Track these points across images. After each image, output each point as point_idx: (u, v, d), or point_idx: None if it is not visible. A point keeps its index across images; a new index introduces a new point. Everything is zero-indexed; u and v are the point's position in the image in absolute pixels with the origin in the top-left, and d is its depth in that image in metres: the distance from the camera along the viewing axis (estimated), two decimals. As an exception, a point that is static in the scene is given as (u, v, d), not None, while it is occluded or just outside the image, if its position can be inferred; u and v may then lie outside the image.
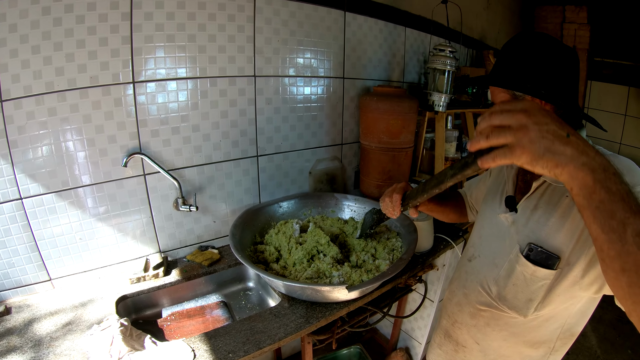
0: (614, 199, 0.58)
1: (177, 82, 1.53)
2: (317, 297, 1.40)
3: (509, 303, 1.02)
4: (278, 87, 1.86)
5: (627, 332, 3.34)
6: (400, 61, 2.54)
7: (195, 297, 1.67)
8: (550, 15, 4.10)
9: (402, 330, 2.50)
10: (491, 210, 1.16)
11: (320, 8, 1.91)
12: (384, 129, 2.03)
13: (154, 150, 1.55)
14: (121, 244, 1.58)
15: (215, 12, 1.53)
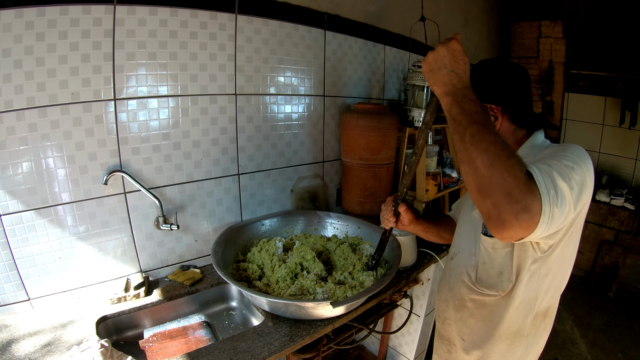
0: (463, 113, 0.87)
1: (159, 99, 1.57)
2: (301, 314, 1.43)
3: (485, 282, 1.17)
4: (259, 105, 1.93)
5: (616, 336, 3.46)
6: (380, 78, 2.66)
7: (178, 317, 1.67)
8: (527, 30, 4.38)
9: (390, 347, 2.53)
10: (466, 210, 1.34)
11: (301, 27, 2.01)
12: (364, 145, 2.11)
13: (135, 168, 1.57)
14: (101, 264, 1.59)
15: (197, 31, 1.60)
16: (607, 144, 4.48)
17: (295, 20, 1.98)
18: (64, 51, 1.30)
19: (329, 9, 2.14)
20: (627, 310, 3.89)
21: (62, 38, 1.29)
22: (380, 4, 2.50)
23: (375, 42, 2.54)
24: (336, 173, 2.50)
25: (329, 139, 2.36)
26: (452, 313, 1.32)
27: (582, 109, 4.58)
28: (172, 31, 1.53)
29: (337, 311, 1.40)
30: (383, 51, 2.63)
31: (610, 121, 4.39)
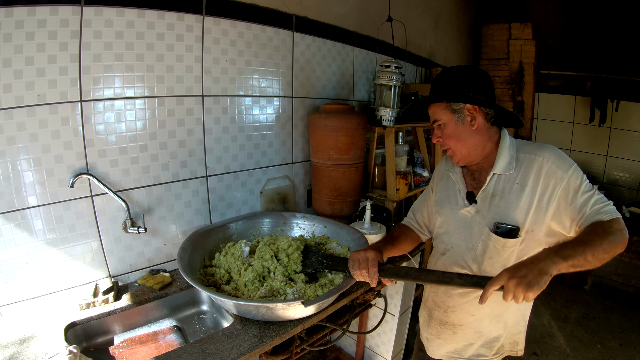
0: (577, 258, 1.06)
1: (125, 101, 1.65)
2: (272, 315, 1.49)
3: (489, 273, 1.28)
4: (226, 106, 2.03)
5: (594, 328, 3.67)
6: (350, 80, 2.80)
7: (148, 322, 1.74)
8: (497, 33, 4.67)
9: (367, 347, 2.64)
10: (450, 209, 1.47)
11: (269, 28, 2.12)
12: (333, 145, 2.22)
13: (102, 170, 1.64)
14: (70, 269, 1.63)
15: (164, 32, 1.69)
16: (578, 142, 4.88)
17: (263, 22, 2.08)
18: (31, 52, 1.36)
19: (297, 11, 2.26)
20: (603, 302, 4.14)
21: (29, 39, 1.35)
22: (349, 6, 2.64)
23: (344, 44, 2.68)
24: (306, 174, 2.61)
25: (297, 140, 2.47)
26: (457, 300, 1.46)
27: (553, 108, 4.97)
28: (139, 32, 1.61)
29: (308, 311, 1.47)
30: (352, 53, 2.77)
31: (581, 119, 4.78)
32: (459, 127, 1.35)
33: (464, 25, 4.72)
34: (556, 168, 1.24)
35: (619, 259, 4.20)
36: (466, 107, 1.32)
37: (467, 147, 1.37)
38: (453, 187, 1.49)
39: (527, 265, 1.05)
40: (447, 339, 1.54)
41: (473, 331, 1.47)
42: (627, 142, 4.64)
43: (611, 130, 4.67)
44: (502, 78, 4.73)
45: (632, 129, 4.57)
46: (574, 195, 1.22)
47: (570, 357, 3.28)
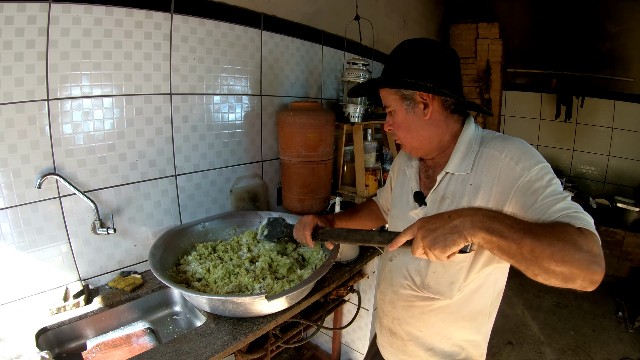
0: (504, 235, 0.86)
1: (92, 100, 1.70)
2: (239, 310, 1.56)
3: (433, 289, 1.22)
4: (195, 104, 2.10)
5: (566, 315, 3.92)
6: (318, 78, 2.91)
7: (121, 325, 1.78)
8: (465, 32, 4.93)
9: (343, 344, 2.75)
10: (401, 210, 1.37)
11: (237, 27, 2.21)
12: (301, 142, 2.32)
13: (69, 171, 1.69)
14: (39, 273, 1.66)
15: (132, 30, 1.75)
16: (545, 137, 5.25)
17: (231, 20, 2.17)
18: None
19: (266, 10, 2.36)
20: (574, 291, 4.30)
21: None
22: (317, 5, 2.76)
23: (312, 43, 2.79)
24: (276, 172, 2.71)
25: (267, 138, 2.57)
26: (402, 313, 1.35)
27: (520, 105, 5.32)
28: (107, 30, 1.67)
29: (275, 305, 1.56)
30: (321, 51, 2.89)
31: (547, 115, 5.15)
32: (409, 117, 1.21)
33: (432, 25, 4.93)
34: (515, 165, 1.05)
35: None
36: (418, 93, 1.17)
37: (418, 139, 1.24)
38: (407, 184, 1.37)
39: (443, 218, 0.93)
40: (399, 349, 1.44)
41: (424, 348, 1.34)
42: (592, 137, 5.02)
43: (577, 126, 5.03)
44: (470, 76, 4.98)
45: (597, 124, 4.93)
46: (535, 199, 0.99)
47: (544, 345, 3.47)
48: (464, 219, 0.90)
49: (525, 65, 5.17)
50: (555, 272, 0.83)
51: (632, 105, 4.72)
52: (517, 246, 0.84)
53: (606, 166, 5.03)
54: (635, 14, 4.50)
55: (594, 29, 4.72)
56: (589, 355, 3.35)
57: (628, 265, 4.46)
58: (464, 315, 1.25)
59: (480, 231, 0.88)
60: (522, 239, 0.84)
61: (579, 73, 4.81)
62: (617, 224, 4.49)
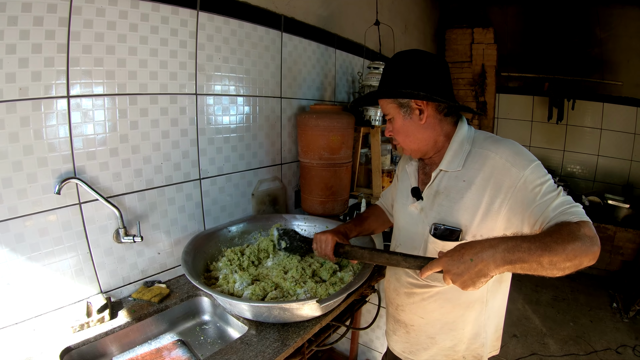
0: (526, 260, 0.88)
1: (116, 98, 1.44)
2: (285, 316, 1.37)
3: (431, 276, 1.17)
4: (220, 106, 1.85)
5: (564, 308, 3.85)
6: (332, 81, 2.68)
7: (147, 339, 1.52)
8: (460, 37, 4.77)
9: (361, 344, 2.52)
10: (402, 204, 1.36)
11: (259, 27, 1.97)
12: (324, 145, 2.11)
13: (91, 175, 1.42)
14: (57, 287, 1.38)
15: (157, 25, 1.50)
16: (537, 138, 5.09)
17: (254, 21, 1.93)
18: (13, 40, 1.13)
19: (285, 12, 2.13)
20: (570, 284, 4.33)
21: (12, 24, 1.12)
22: (331, 9, 2.54)
23: (327, 46, 2.57)
24: (294, 175, 2.47)
25: (285, 140, 2.33)
26: (404, 300, 1.36)
27: (513, 107, 5.17)
28: (132, 24, 1.41)
29: (322, 309, 1.37)
30: (334, 54, 2.67)
31: (539, 117, 4.99)
32: (406, 122, 1.22)
33: (428, 30, 4.74)
34: (510, 166, 1.07)
35: None
36: (413, 101, 1.18)
37: (416, 142, 1.25)
38: (407, 181, 1.38)
39: (466, 262, 0.92)
40: (401, 336, 1.44)
41: (425, 335, 1.35)
42: (582, 138, 4.89)
43: (567, 127, 4.89)
44: (466, 80, 4.82)
45: (587, 125, 4.82)
46: (533, 198, 1.03)
47: (547, 336, 3.41)
48: (486, 263, 0.90)
49: (518, 69, 5.01)
50: (569, 266, 0.90)
51: (619, 107, 4.62)
52: (538, 264, 0.89)
53: (595, 165, 4.91)
54: (623, 21, 4.40)
55: (584, 35, 4.62)
56: (590, 344, 3.29)
57: (620, 259, 4.35)
58: (461, 302, 1.25)
59: (504, 266, 0.90)
60: (541, 257, 0.88)
61: (570, 77, 4.66)
62: (609, 220, 4.37)
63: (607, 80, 4.59)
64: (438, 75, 1.18)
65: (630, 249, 4.25)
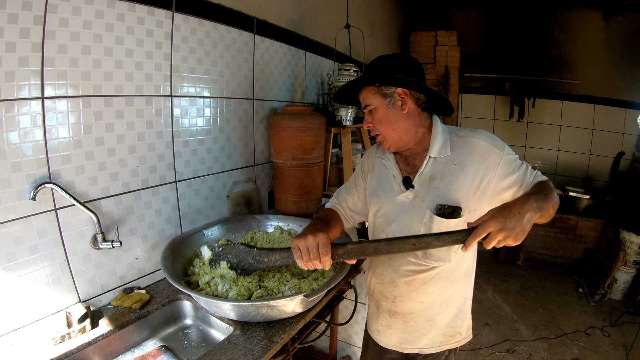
0: (544, 208, 1.13)
1: (92, 99, 1.43)
2: (272, 314, 1.40)
3: (434, 257, 1.32)
4: (194, 107, 1.87)
5: (533, 296, 4.11)
6: (302, 83, 2.74)
7: (130, 347, 1.51)
8: (424, 39, 4.97)
9: (339, 340, 2.58)
10: (386, 197, 1.41)
11: (233, 29, 2.00)
12: (297, 145, 2.18)
13: (66, 179, 1.39)
14: (34, 298, 1.35)
15: (134, 26, 1.50)
16: (499, 136, 5.19)
17: (227, 23, 1.97)
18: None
19: (258, 14, 2.17)
20: (536, 273, 4.63)
21: None
22: (302, 12, 2.61)
23: (297, 48, 2.64)
24: (267, 176, 2.51)
25: (258, 142, 2.37)
26: (404, 289, 1.40)
27: (476, 107, 5.46)
28: (108, 24, 1.41)
29: (309, 304, 1.43)
30: (304, 57, 2.73)
31: (501, 116, 5.29)
32: (389, 112, 1.31)
33: (394, 32, 4.90)
34: (493, 148, 1.26)
35: (545, 235, 4.78)
36: (397, 92, 1.29)
37: (398, 131, 1.33)
38: (386, 174, 1.43)
39: (515, 216, 1.04)
40: (398, 328, 1.48)
41: (424, 319, 1.42)
42: (542, 134, 5.20)
43: (528, 125, 5.18)
44: (430, 81, 5.03)
45: (547, 122, 5.13)
46: (513, 171, 1.25)
47: (518, 322, 3.62)
48: (531, 213, 1.07)
49: (480, 70, 5.26)
50: (554, 211, 1.19)
51: (578, 104, 4.96)
52: (547, 210, 1.14)
53: (556, 160, 5.22)
54: (581, 23, 4.74)
55: (544, 37, 4.92)
56: (559, 327, 3.51)
57: (583, 247, 4.67)
58: (456, 277, 1.38)
59: (537, 213, 1.10)
60: (549, 204, 1.15)
61: (530, 77, 4.93)
62: (570, 211, 4.67)
63: (566, 80, 4.90)
64: (418, 72, 1.31)
65: (593, 237, 4.56)
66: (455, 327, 1.45)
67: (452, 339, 1.45)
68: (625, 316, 3.63)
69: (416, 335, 1.45)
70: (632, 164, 4.82)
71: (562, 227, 4.69)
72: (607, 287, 3.98)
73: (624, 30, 4.63)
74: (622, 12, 4.54)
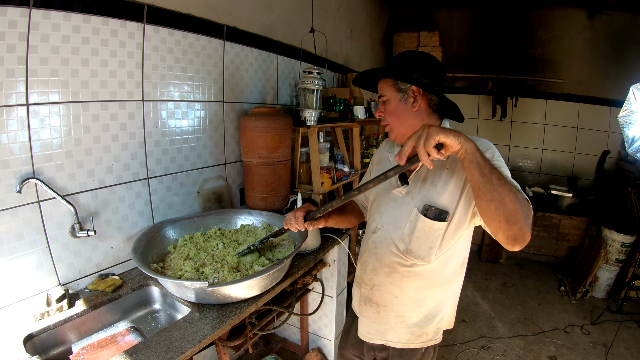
0: (485, 161, 1.11)
1: (71, 105, 1.75)
2: (220, 298, 1.68)
3: (415, 254, 1.44)
4: (165, 110, 2.19)
5: (513, 293, 4.32)
6: (274, 85, 3.07)
7: (103, 327, 1.82)
8: (407, 40, 5.28)
9: (310, 333, 2.88)
10: (384, 190, 1.58)
11: (202, 37, 2.33)
12: (263, 145, 2.48)
13: (48, 175, 1.71)
14: (19, 280, 1.65)
15: (107, 38, 1.82)
16: (483, 135, 5.66)
17: (197, 31, 2.29)
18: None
19: (228, 21, 2.50)
20: (518, 271, 4.88)
21: None
22: (274, 17, 2.93)
23: (269, 52, 2.96)
24: (238, 174, 2.83)
25: (229, 142, 2.69)
26: (383, 279, 1.55)
27: (460, 106, 5.54)
28: (84, 37, 1.73)
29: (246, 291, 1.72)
30: (276, 60, 3.06)
31: (484, 115, 5.63)
32: (400, 106, 1.43)
33: (376, 34, 5.22)
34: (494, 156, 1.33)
35: None
36: (411, 89, 1.41)
37: (405, 125, 1.45)
38: (389, 167, 1.48)
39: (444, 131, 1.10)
40: (370, 317, 1.64)
41: (395, 314, 1.56)
42: (526, 133, 5.53)
43: (512, 124, 5.51)
44: (412, 81, 5.31)
45: (530, 121, 5.45)
46: None
47: (495, 320, 3.81)
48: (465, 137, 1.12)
49: (464, 70, 5.60)
50: (506, 206, 1.08)
51: (561, 103, 5.28)
52: (490, 172, 1.09)
53: (541, 159, 5.54)
54: (564, 23, 5.06)
55: (527, 36, 5.26)
56: (537, 325, 3.71)
57: (566, 245, 4.95)
58: (434, 282, 1.49)
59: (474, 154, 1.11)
60: (492, 166, 1.11)
61: (513, 76, 5.27)
62: (553, 209, 4.96)
63: (549, 79, 5.23)
64: (439, 76, 1.43)
65: (576, 235, 4.85)
66: (424, 327, 1.56)
67: (419, 338, 1.57)
68: (607, 314, 3.80)
69: (385, 328, 1.60)
70: (617, 162, 5.10)
71: (544, 225, 4.96)
72: (588, 285, 4.23)
73: (608, 29, 4.93)
74: (606, 11, 4.84)
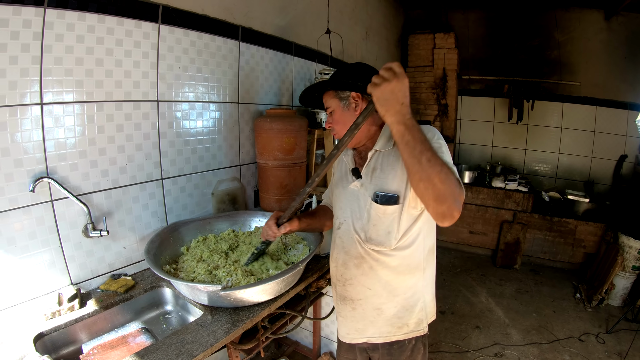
0: (415, 140, 1.14)
1: (85, 104, 1.73)
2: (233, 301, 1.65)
3: (375, 240, 1.49)
4: (180, 111, 2.16)
5: (528, 300, 4.20)
6: (289, 87, 3.02)
7: (114, 328, 1.79)
8: (422, 42, 5.23)
9: (323, 337, 2.81)
10: (343, 187, 1.64)
11: (218, 38, 2.30)
12: (278, 146, 2.45)
13: (62, 174, 1.69)
14: (31, 279, 1.64)
15: (122, 38, 1.80)
16: (499, 138, 5.60)
17: (213, 32, 2.26)
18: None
19: (243, 22, 2.47)
20: (533, 278, 4.73)
21: None
22: (289, 18, 2.90)
23: (284, 53, 2.92)
24: (252, 176, 2.79)
25: (244, 143, 2.65)
26: (354, 271, 1.58)
27: (475, 109, 5.67)
28: (99, 37, 1.71)
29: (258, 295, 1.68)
30: (292, 61, 3.02)
31: (500, 118, 5.50)
32: (344, 113, 1.52)
33: (391, 36, 5.17)
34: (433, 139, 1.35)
35: (543, 238, 4.93)
36: (351, 95, 1.49)
37: None
38: (345, 167, 1.65)
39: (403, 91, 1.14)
40: (346, 316, 1.67)
41: (372, 307, 1.58)
42: (542, 137, 5.39)
43: (528, 127, 5.38)
44: (428, 83, 5.27)
45: (546, 124, 5.32)
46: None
47: (510, 327, 3.69)
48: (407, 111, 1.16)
49: (480, 72, 5.50)
50: (435, 186, 1.13)
51: (578, 106, 5.14)
52: (420, 153, 1.13)
53: (557, 163, 5.40)
54: (581, 24, 4.94)
55: (543, 38, 5.14)
56: (552, 333, 3.59)
57: (582, 251, 4.80)
58: (404, 269, 1.52)
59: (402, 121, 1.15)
60: (425, 146, 1.14)
61: (529, 79, 5.15)
62: (569, 215, 4.83)
63: (566, 81, 5.10)
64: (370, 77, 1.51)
65: (592, 241, 4.70)
66: (403, 318, 1.57)
67: (400, 330, 1.58)
68: (623, 323, 3.67)
69: (364, 324, 1.62)
70: (635, 167, 4.94)
71: (560, 231, 4.83)
72: (604, 292, 4.08)
73: (626, 31, 4.79)
74: (623, 12, 4.70)
